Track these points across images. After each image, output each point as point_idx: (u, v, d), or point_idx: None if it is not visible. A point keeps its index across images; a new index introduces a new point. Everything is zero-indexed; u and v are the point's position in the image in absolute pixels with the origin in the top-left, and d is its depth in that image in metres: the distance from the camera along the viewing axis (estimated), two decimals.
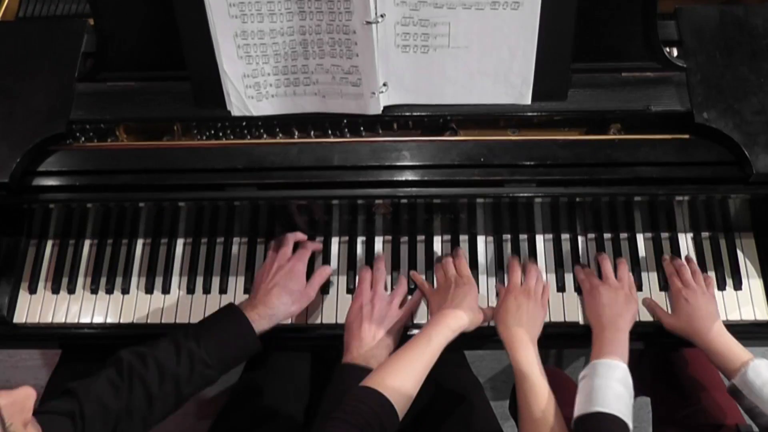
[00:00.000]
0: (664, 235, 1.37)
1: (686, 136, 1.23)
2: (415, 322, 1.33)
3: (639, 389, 1.87)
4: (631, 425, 1.10)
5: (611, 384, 1.13)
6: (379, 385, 1.05)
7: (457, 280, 1.30)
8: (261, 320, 1.21)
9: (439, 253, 1.37)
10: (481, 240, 1.38)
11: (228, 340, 1.18)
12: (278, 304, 1.24)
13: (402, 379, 1.08)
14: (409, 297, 1.34)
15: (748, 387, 1.17)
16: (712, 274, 1.34)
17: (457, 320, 1.21)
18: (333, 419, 1.01)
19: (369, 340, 1.24)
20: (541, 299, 1.29)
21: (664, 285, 1.34)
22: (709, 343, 1.24)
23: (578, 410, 1.12)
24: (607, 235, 1.38)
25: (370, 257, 1.37)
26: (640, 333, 1.29)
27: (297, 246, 1.36)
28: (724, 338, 1.24)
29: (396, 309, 1.30)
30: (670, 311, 1.31)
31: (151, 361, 1.11)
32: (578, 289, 1.35)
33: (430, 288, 1.33)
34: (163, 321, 1.35)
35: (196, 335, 1.16)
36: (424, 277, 1.35)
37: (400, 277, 1.35)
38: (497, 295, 1.33)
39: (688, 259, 1.35)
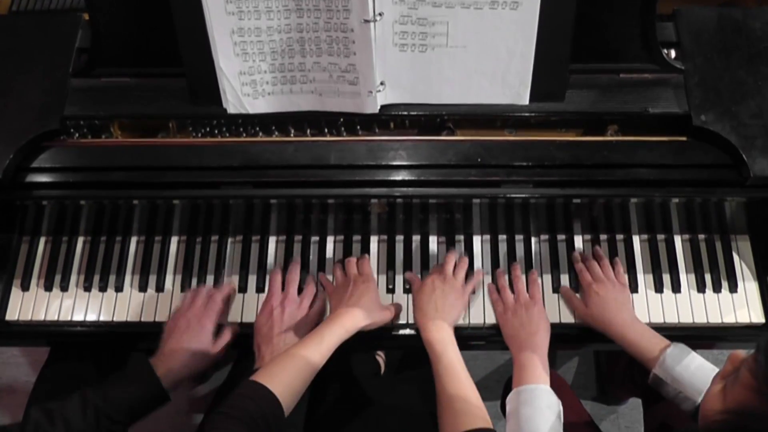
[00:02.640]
0: (660, 236, 1.37)
1: (684, 139, 1.22)
2: (401, 322, 1.33)
3: (631, 391, 1.88)
4: None
5: (538, 412, 1.13)
6: (268, 381, 1.05)
7: (356, 278, 1.29)
8: (166, 377, 1.20)
9: (435, 253, 1.37)
10: (477, 240, 1.38)
11: (134, 394, 1.17)
12: (180, 367, 1.22)
13: (291, 376, 1.09)
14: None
15: (669, 374, 1.17)
16: (708, 276, 1.34)
17: (353, 319, 1.21)
18: (220, 414, 1.00)
19: (281, 344, 1.22)
20: (462, 287, 1.29)
21: (660, 287, 1.34)
22: (622, 333, 1.24)
23: None
24: (603, 237, 1.38)
25: None
26: None
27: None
28: (638, 328, 1.24)
29: (305, 310, 1.29)
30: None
31: (58, 419, 1.10)
32: (575, 290, 1.35)
33: (331, 286, 1.33)
34: (156, 319, 1.34)
35: (105, 390, 1.16)
36: (420, 276, 1.34)
37: (308, 278, 1.34)
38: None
39: (598, 254, 1.35)
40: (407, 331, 1.33)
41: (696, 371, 1.16)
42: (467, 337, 1.31)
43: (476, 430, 1.06)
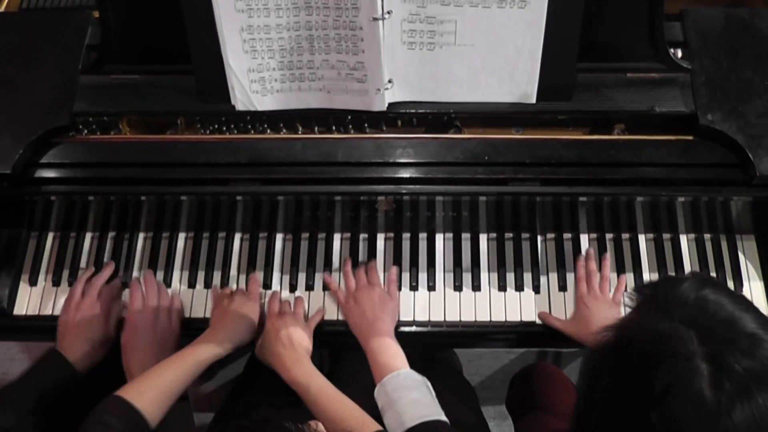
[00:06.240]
0: (666, 236, 1.37)
1: (690, 138, 1.23)
2: (407, 320, 1.33)
3: None
4: (442, 415, 1.11)
5: (406, 396, 1.13)
6: (136, 399, 1.07)
7: (240, 296, 1.29)
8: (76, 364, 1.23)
9: (442, 251, 1.37)
10: (483, 238, 1.38)
11: (48, 381, 1.20)
12: (82, 357, 1.24)
13: (159, 394, 1.11)
14: None
15: None
16: (713, 275, 1.34)
17: (232, 340, 1.22)
18: (86, 429, 1.02)
19: (148, 361, 1.22)
20: (307, 322, 1.29)
21: None
22: None
23: None
24: (609, 235, 1.38)
25: (371, 254, 1.37)
26: None
27: None
28: None
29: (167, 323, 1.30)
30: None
31: None
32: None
33: (218, 302, 1.31)
34: None
35: (20, 385, 1.18)
36: (425, 275, 1.35)
37: (162, 291, 1.33)
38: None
39: (603, 263, 1.34)
40: (413, 329, 1.33)
41: None
42: (478, 335, 1.33)
43: None
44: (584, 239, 1.38)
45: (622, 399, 0.78)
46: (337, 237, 1.39)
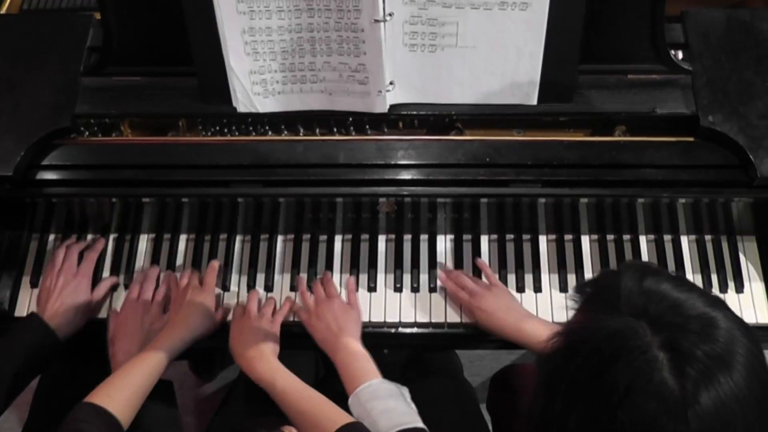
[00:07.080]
0: (667, 237, 1.37)
1: (691, 139, 1.23)
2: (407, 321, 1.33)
3: None
4: (419, 422, 1.10)
5: (380, 405, 1.12)
6: (106, 402, 1.08)
7: (194, 289, 1.30)
8: (58, 331, 1.25)
9: (443, 252, 1.37)
10: (484, 239, 1.38)
11: (30, 344, 1.22)
12: (65, 323, 1.26)
13: (129, 394, 1.12)
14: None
15: None
16: (714, 276, 1.34)
17: (190, 332, 1.24)
18: None
19: (134, 351, 1.23)
20: (269, 320, 1.28)
21: None
22: (517, 337, 1.23)
23: None
24: (609, 237, 1.38)
25: (373, 255, 1.37)
26: None
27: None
28: (528, 326, 1.22)
29: (159, 318, 1.31)
30: None
31: None
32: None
33: (173, 299, 1.32)
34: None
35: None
36: (427, 276, 1.35)
37: (159, 289, 1.34)
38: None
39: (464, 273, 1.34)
40: (414, 330, 1.33)
41: None
42: (479, 337, 1.32)
43: (344, 427, 1.06)
44: (585, 240, 1.38)
45: (585, 404, 0.76)
46: (338, 239, 1.39)
